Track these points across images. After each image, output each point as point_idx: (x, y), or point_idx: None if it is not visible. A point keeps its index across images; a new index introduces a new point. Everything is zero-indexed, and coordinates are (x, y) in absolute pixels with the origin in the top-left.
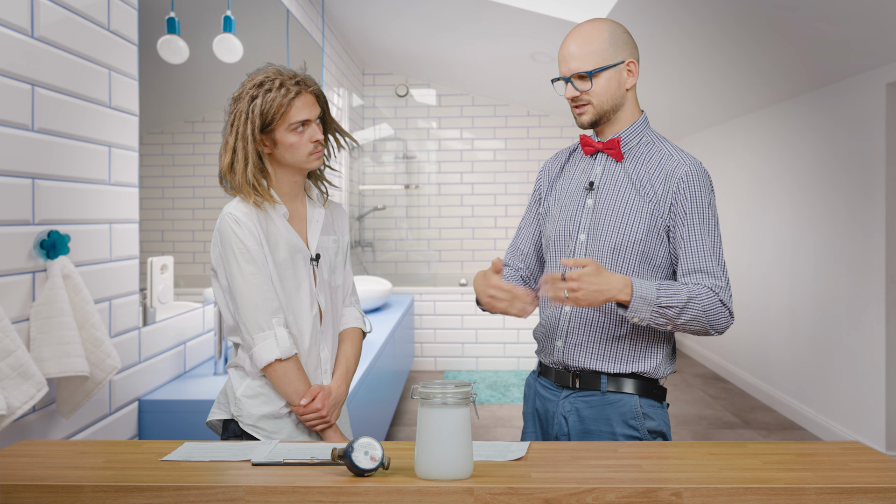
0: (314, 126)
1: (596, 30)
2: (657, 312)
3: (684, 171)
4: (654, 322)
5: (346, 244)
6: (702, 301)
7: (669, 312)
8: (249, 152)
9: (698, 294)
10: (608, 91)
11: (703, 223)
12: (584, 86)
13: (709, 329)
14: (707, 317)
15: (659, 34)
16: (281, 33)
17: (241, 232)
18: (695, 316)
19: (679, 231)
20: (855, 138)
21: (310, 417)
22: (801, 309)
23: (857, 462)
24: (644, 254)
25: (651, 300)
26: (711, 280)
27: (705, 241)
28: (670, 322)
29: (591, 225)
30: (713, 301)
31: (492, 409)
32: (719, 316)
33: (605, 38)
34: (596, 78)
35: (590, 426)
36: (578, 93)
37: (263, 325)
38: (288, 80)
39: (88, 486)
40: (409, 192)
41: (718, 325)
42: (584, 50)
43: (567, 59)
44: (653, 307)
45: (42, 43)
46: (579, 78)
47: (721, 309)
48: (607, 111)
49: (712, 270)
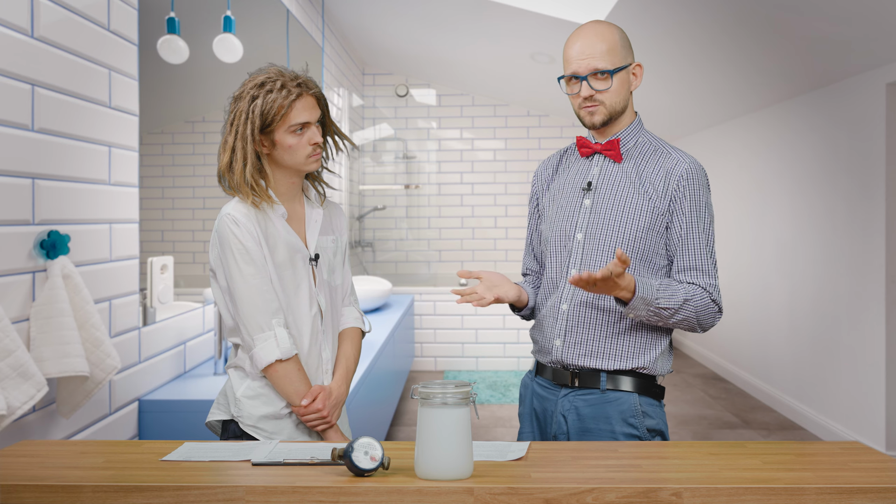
0: (314, 128)
1: (608, 30)
2: (653, 312)
3: (684, 168)
4: (647, 319)
5: (345, 244)
6: (696, 303)
7: (665, 313)
8: (248, 152)
9: (693, 295)
10: (621, 92)
11: (700, 221)
12: (602, 85)
13: (697, 327)
14: (698, 316)
15: (659, 34)
16: (281, 33)
17: (239, 232)
18: (687, 316)
19: (676, 228)
20: (855, 138)
21: (311, 418)
22: (801, 309)
23: (857, 462)
24: (643, 252)
25: (650, 301)
26: (705, 279)
27: (701, 240)
28: (663, 320)
29: (588, 225)
30: (706, 302)
31: (492, 409)
32: (710, 315)
33: (617, 39)
34: (616, 76)
35: (589, 424)
36: (594, 92)
37: (263, 326)
38: (289, 82)
39: (88, 486)
40: (409, 192)
41: (707, 323)
42: (603, 48)
43: (585, 56)
44: (650, 307)
45: (42, 43)
46: (597, 77)
47: (712, 308)
48: (618, 111)
49: (707, 269)
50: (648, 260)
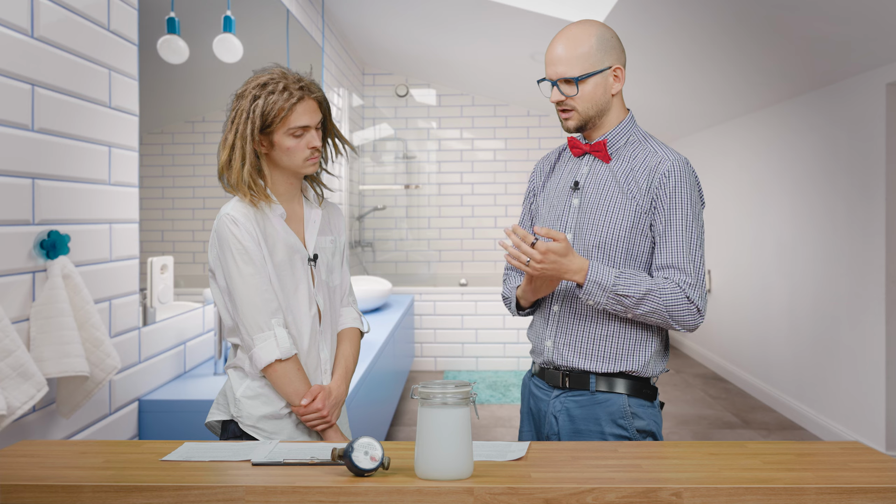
0: (313, 132)
1: (584, 33)
2: (613, 299)
3: (667, 166)
4: (611, 308)
5: (343, 244)
6: (663, 295)
7: (626, 301)
8: (247, 151)
9: (661, 288)
10: (594, 97)
11: (683, 219)
12: (569, 91)
13: (671, 323)
14: (668, 311)
15: (659, 34)
16: (281, 33)
17: (238, 232)
18: (654, 308)
19: (657, 225)
20: (855, 138)
21: (310, 417)
22: (801, 309)
23: (857, 462)
24: (628, 251)
25: (607, 286)
26: (681, 276)
27: (681, 237)
28: (628, 310)
29: (576, 224)
30: (677, 296)
31: (492, 409)
32: (683, 311)
33: (592, 43)
34: (582, 84)
35: (580, 426)
36: (564, 97)
37: (263, 326)
38: (292, 84)
39: (88, 486)
40: (409, 192)
41: (683, 320)
42: (571, 54)
43: (554, 62)
44: (609, 293)
45: (42, 43)
46: (565, 83)
47: (686, 304)
48: (592, 117)
49: (683, 266)
50: (635, 259)
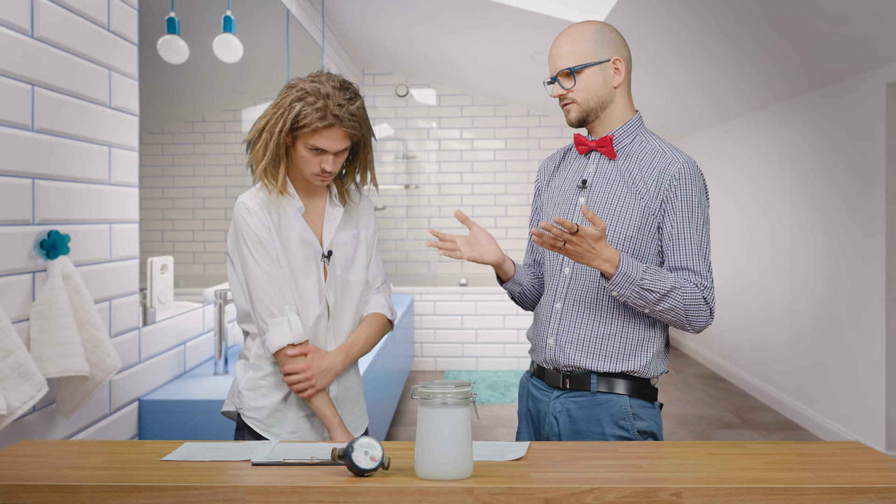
0: (330, 157)
1: (582, 29)
2: (637, 293)
3: (677, 168)
4: (632, 302)
5: (369, 236)
6: (685, 294)
7: (650, 296)
8: (271, 144)
9: (683, 287)
10: (592, 88)
11: (692, 221)
12: (568, 83)
13: (685, 324)
14: (686, 310)
15: (659, 34)
16: (281, 33)
17: (251, 220)
18: (674, 306)
19: (668, 228)
20: (855, 138)
21: (295, 379)
22: (801, 309)
23: (857, 462)
24: (634, 251)
25: (635, 280)
26: (697, 279)
27: (693, 240)
28: (648, 306)
29: (582, 222)
30: (696, 297)
31: (492, 409)
32: (699, 313)
33: (589, 37)
34: (579, 75)
35: (580, 427)
36: (564, 91)
37: (276, 312)
38: (332, 108)
39: (88, 486)
40: (409, 192)
41: (697, 321)
42: (569, 49)
43: (554, 59)
44: (635, 287)
45: (42, 43)
46: (565, 76)
47: (703, 306)
48: (593, 108)
49: (698, 269)
50: (641, 258)
